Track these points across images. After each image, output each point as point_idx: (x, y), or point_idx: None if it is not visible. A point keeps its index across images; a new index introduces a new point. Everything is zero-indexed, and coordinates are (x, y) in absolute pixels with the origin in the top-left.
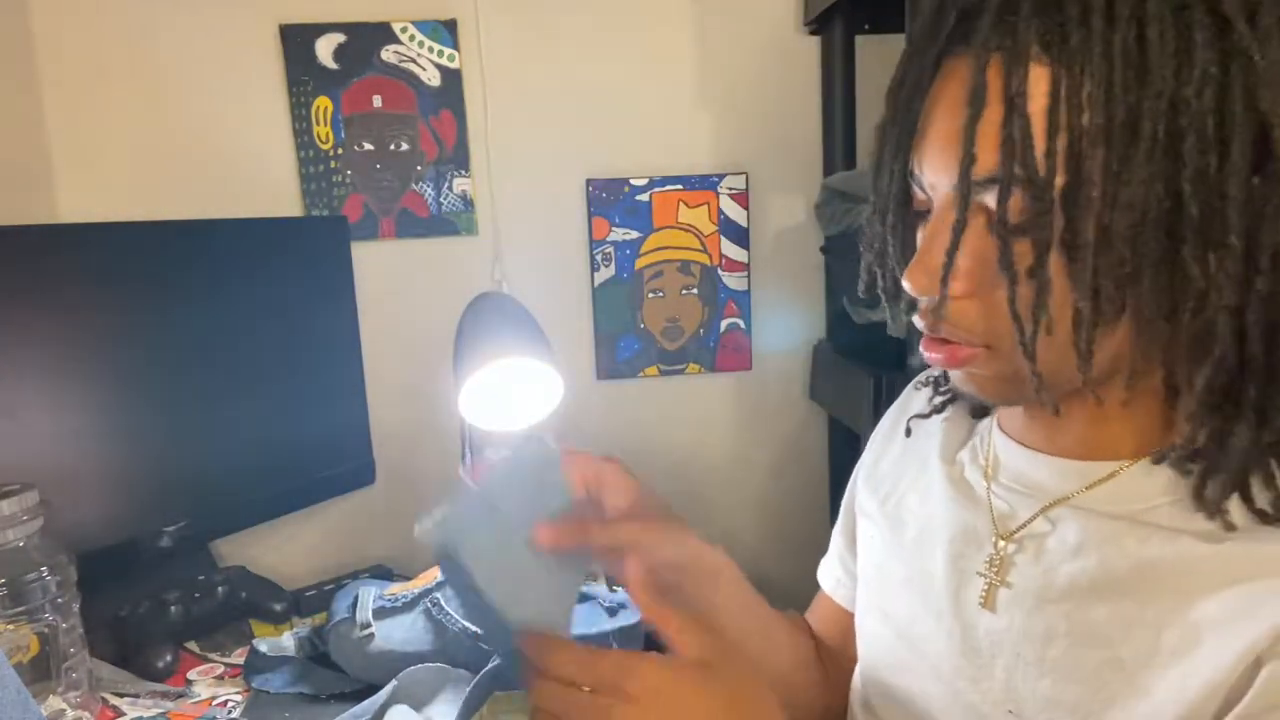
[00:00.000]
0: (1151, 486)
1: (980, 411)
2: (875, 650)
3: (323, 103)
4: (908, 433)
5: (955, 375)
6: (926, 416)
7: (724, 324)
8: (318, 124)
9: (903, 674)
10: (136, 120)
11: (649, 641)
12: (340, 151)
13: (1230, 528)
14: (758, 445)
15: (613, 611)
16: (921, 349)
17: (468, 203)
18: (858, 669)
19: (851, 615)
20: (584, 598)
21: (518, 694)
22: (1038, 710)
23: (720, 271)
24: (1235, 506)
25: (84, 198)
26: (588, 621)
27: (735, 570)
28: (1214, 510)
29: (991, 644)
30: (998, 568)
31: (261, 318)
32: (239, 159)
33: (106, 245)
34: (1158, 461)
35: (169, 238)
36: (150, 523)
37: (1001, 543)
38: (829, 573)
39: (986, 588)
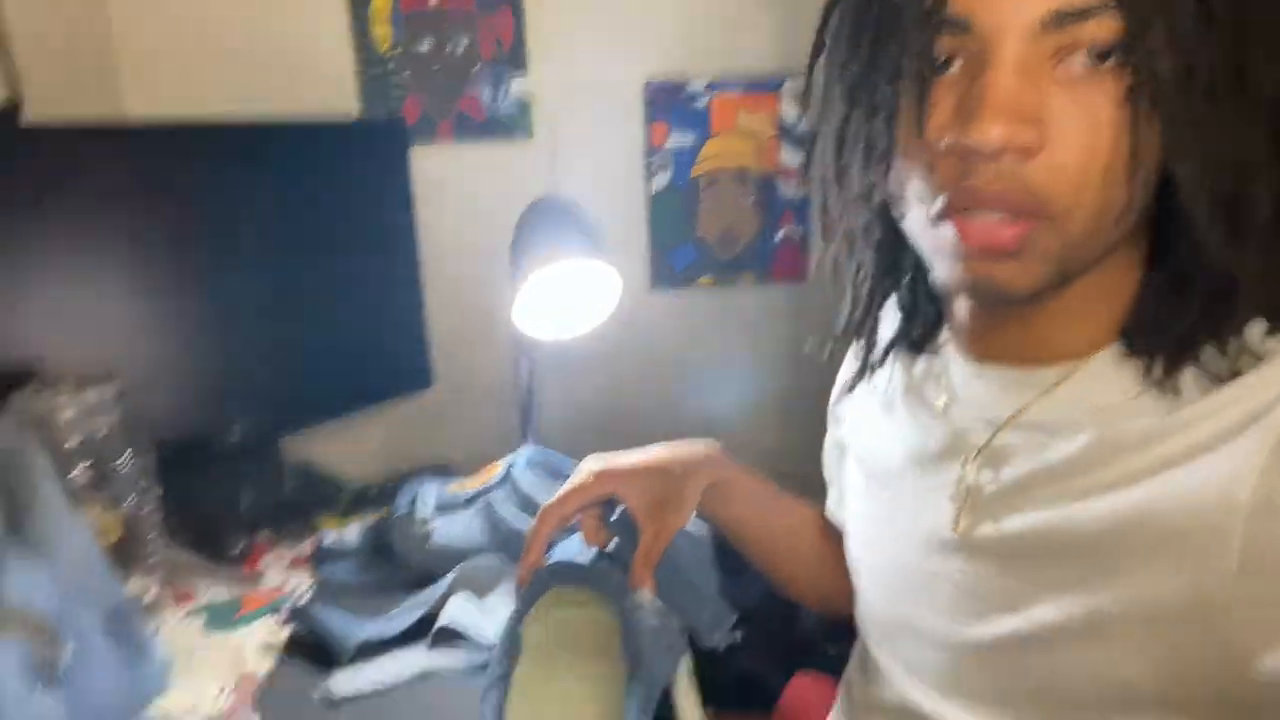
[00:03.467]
0: (1105, 383)
1: (930, 334)
2: (870, 586)
3: (381, 1)
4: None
5: (974, 273)
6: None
7: (780, 233)
8: (376, 23)
9: (896, 607)
10: (199, 17)
11: None
12: (398, 52)
13: (1178, 393)
14: (811, 358)
15: None
16: (953, 236)
17: (524, 106)
18: (858, 603)
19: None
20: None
21: (577, 589)
22: (1038, 614)
23: (778, 179)
24: (1188, 381)
25: (149, 94)
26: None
27: (743, 477)
28: (1164, 384)
29: (965, 563)
30: (966, 490)
31: (322, 220)
32: (298, 58)
33: (173, 145)
34: (1126, 346)
35: (233, 138)
36: (219, 419)
37: (969, 466)
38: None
39: (957, 512)
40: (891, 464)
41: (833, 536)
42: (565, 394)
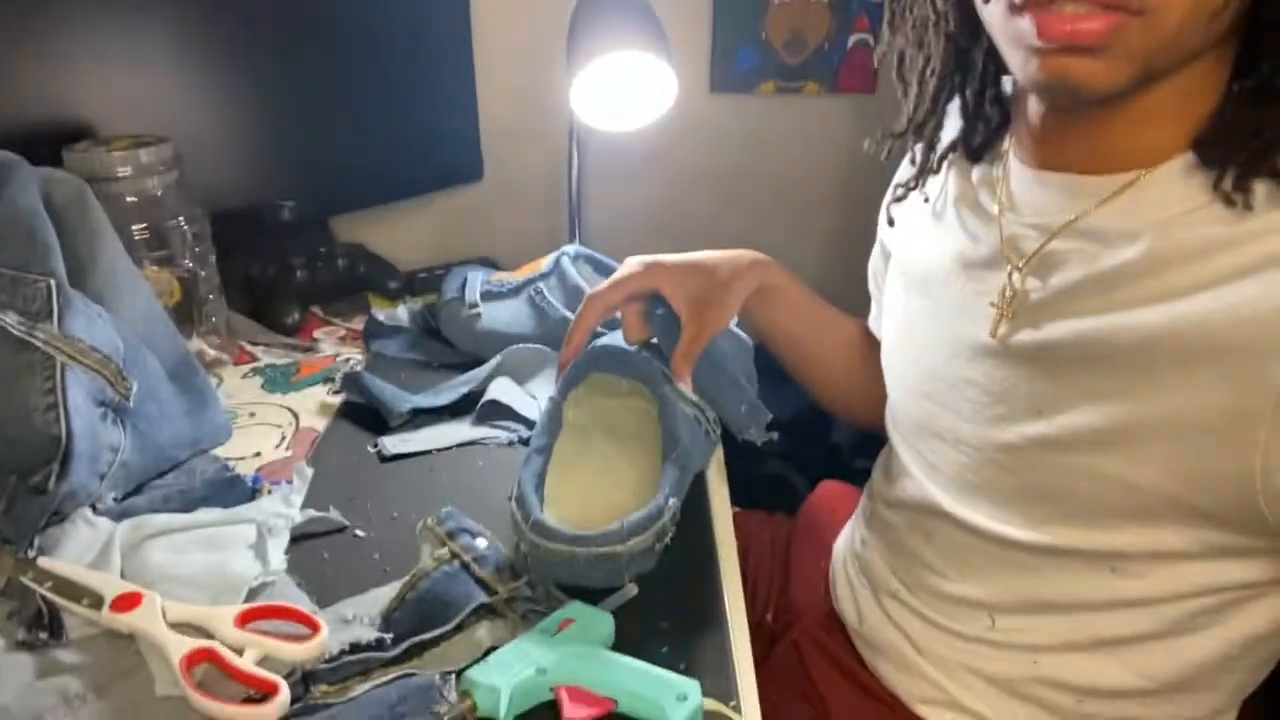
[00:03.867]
0: (1171, 193)
1: (991, 141)
2: (899, 388)
3: None
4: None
5: (1050, 70)
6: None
7: (852, 39)
8: None
9: (923, 408)
10: None
11: None
12: None
13: (1249, 207)
14: (874, 174)
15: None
16: (1039, 33)
17: None
18: (887, 405)
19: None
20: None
21: (617, 377)
22: (1066, 420)
23: None
24: (1260, 196)
25: None
26: None
27: (789, 285)
28: (1235, 196)
29: (999, 366)
30: (1010, 297)
31: (376, 2)
32: None
33: None
34: (1198, 156)
35: None
36: (271, 194)
37: (1016, 273)
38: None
39: (998, 318)
40: (935, 271)
41: (872, 349)
42: (614, 198)
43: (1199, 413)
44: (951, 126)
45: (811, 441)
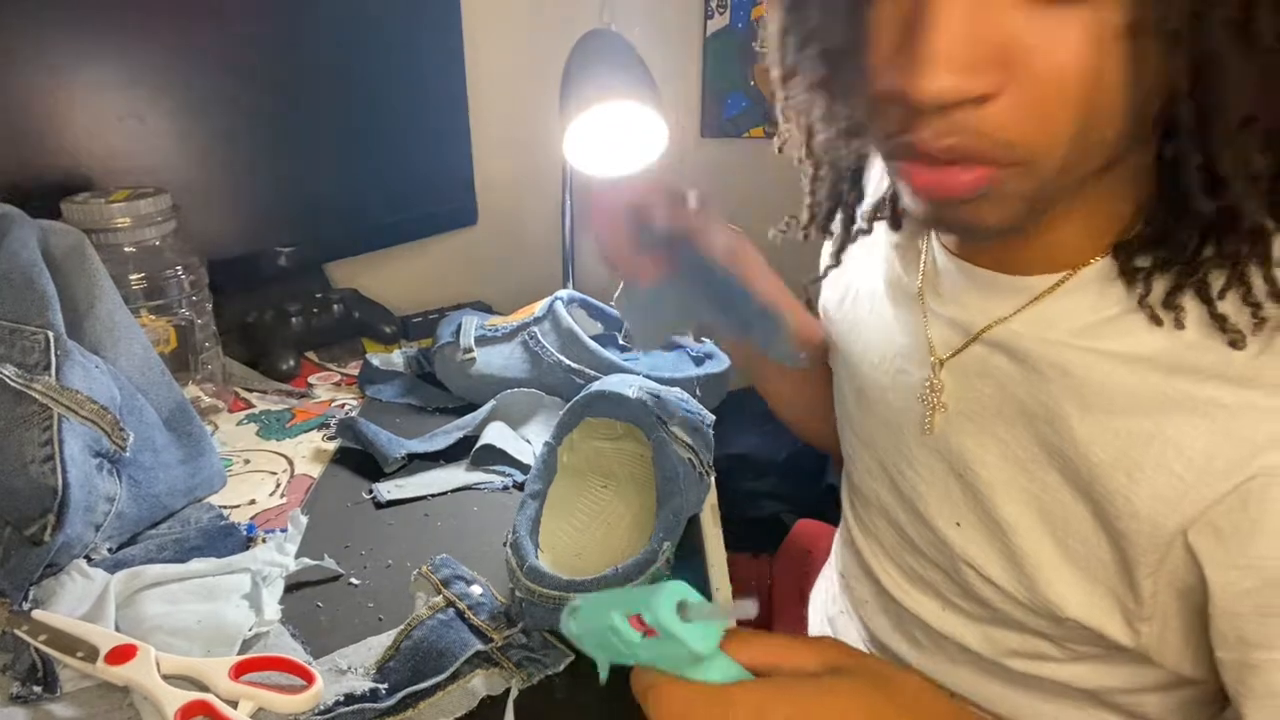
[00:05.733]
0: (1090, 301)
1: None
2: (846, 457)
3: None
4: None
5: (936, 215)
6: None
7: None
8: None
9: (865, 482)
10: None
11: (730, 396)
12: None
13: (1180, 326)
14: None
15: (699, 360)
16: (908, 182)
17: None
18: (844, 472)
19: None
20: (672, 346)
21: (611, 421)
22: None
23: None
24: (1192, 316)
25: None
26: (674, 368)
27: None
28: (1159, 310)
29: (931, 465)
30: (935, 395)
31: (371, 52)
32: None
33: None
34: (1118, 262)
35: None
36: (268, 241)
37: (938, 371)
38: None
39: (928, 413)
40: (863, 352)
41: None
42: None
43: (1094, 548)
44: (875, 193)
45: (806, 482)
